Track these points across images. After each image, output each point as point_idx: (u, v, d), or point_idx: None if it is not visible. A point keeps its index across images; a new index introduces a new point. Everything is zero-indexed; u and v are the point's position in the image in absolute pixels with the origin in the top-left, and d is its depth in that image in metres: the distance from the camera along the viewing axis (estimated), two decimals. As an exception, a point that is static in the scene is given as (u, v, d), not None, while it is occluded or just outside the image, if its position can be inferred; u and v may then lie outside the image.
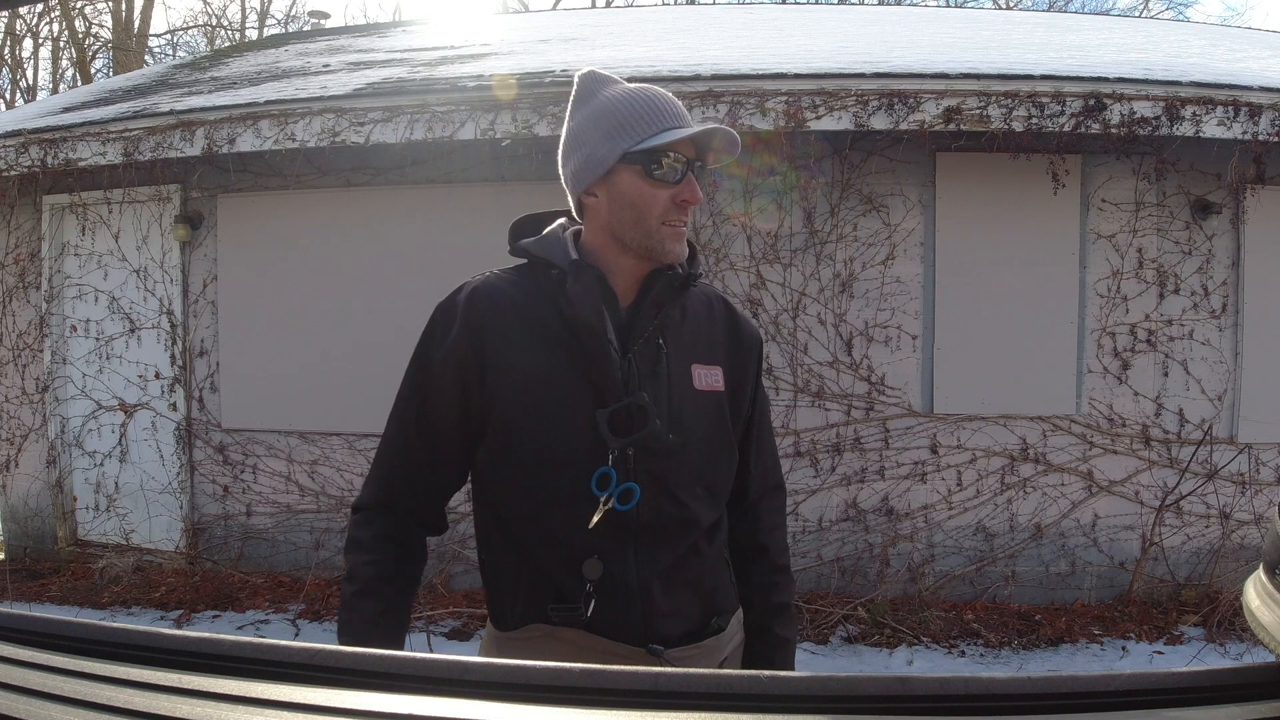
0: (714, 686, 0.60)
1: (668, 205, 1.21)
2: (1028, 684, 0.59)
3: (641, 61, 4.61)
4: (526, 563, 1.23)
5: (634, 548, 1.20)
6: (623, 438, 1.18)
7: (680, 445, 1.22)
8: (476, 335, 1.22)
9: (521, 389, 1.21)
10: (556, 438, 1.20)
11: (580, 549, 1.19)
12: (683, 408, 1.23)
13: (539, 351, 1.21)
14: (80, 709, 0.57)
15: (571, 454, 1.19)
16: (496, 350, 1.21)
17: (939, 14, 9.36)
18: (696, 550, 1.26)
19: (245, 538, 4.85)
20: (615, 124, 1.22)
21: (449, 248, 4.56)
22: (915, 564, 4.30)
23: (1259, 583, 0.62)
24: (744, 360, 1.34)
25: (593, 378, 1.20)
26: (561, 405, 1.20)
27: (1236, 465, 4.24)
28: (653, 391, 1.21)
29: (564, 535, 1.20)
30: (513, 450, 1.22)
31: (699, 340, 1.29)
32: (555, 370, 1.21)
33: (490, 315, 1.23)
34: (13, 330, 5.34)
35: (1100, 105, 3.84)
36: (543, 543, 1.21)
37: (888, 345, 4.32)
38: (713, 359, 1.30)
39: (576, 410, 1.19)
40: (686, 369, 1.26)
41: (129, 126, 4.67)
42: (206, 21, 19.07)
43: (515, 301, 1.24)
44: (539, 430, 1.20)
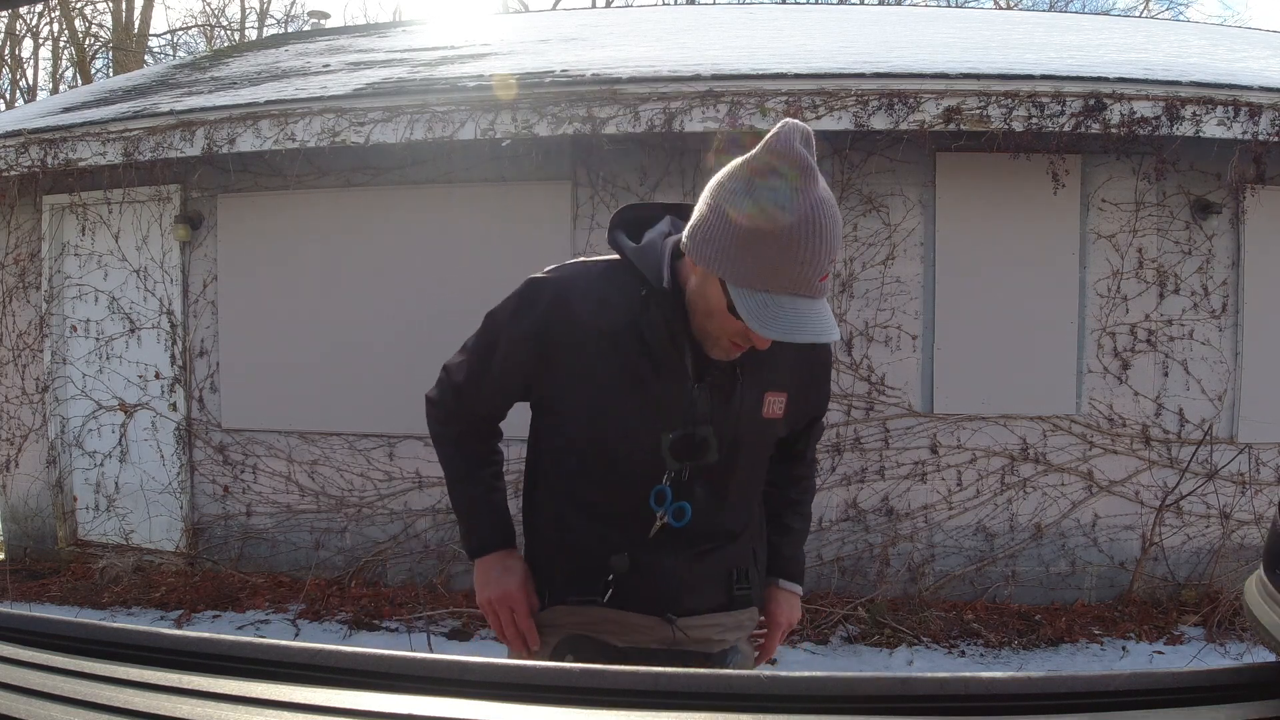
0: (714, 686, 0.60)
1: (735, 331, 1.17)
2: (1028, 684, 0.59)
3: (641, 61, 4.61)
4: (558, 548, 1.33)
5: (668, 548, 1.28)
6: (683, 461, 1.24)
7: (730, 467, 1.28)
8: (550, 336, 1.25)
9: (589, 396, 1.25)
10: (618, 448, 1.26)
11: (612, 544, 1.28)
12: (745, 435, 1.28)
13: (612, 363, 1.24)
14: (80, 709, 0.57)
15: (630, 466, 1.26)
16: (568, 356, 1.25)
17: (939, 14, 9.36)
18: (730, 540, 1.35)
19: (245, 538, 4.85)
20: (735, 242, 1.10)
21: (449, 248, 4.56)
22: (915, 564, 4.30)
23: (1259, 583, 0.62)
24: (811, 386, 1.38)
25: (662, 399, 1.24)
26: (627, 419, 1.25)
27: (1236, 465, 4.24)
28: (721, 419, 1.25)
29: (600, 529, 1.29)
30: (573, 446, 1.30)
31: (775, 368, 1.30)
32: (626, 384, 1.24)
33: (568, 322, 1.24)
34: (13, 330, 5.34)
35: (1100, 105, 3.84)
36: (583, 532, 1.30)
37: (888, 345, 4.32)
38: (783, 385, 1.32)
39: (642, 427, 1.24)
40: (759, 397, 1.29)
41: (129, 126, 4.66)
42: (206, 21, 19.07)
43: (598, 309, 1.24)
44: (602, 437, 1.27)
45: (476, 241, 4.51)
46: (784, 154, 1.09)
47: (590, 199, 4.45)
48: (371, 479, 4.66)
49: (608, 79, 4.18)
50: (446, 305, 4.50)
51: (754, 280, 1.09)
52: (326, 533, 4.73)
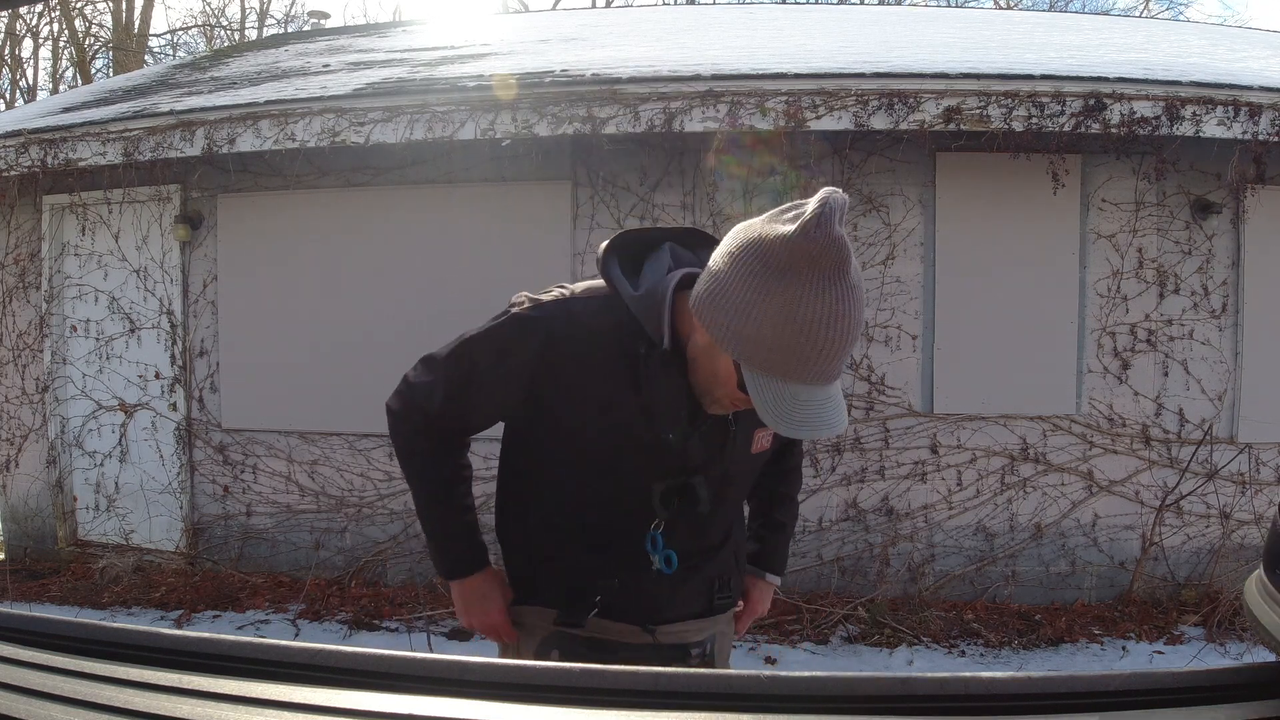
0: (714, 686, 0.60)
1: (742, 399, 1.12)
2: (1028, 684, 0.59)
3: (641, 61, 4.61)
4: (542, 561, 1.31)
5: (653, 577, 1.28)
6: (671, 510, 1.22)
7: (718, 502, 1.28)
8: (539, 381, 1.19)
9: (578, 441, 1.22)
10: (606, 493, 1.24)
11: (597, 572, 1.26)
12: (734, 473, 1.30)
13: (605, 412, 1.19)
14: (80, 709, 0.57)
15: (618, 510, 1.24)
16: (557, 401, 1.20)
17: (939, 14, 9.36)
18: (714, 555, 1.36)
19: (245, 538, 4.85)
20: (754, 330, 1.02)
21: (449, 248, 4.56)
22: (915, 564, 4.30)
23: (1259, 583, 0.62)
24: None
25: (654, 450, 1.21)
26: (618, 468, 1.22)
27: (1236, 465, 4.24)
28: (713, 467, 1.25)
29: (593, 562, 1.26)
30: (559, 483, 1.27)
31: None
32: (618, 434, 1.20)
33: (559, 368, 1.18)
34: (13, 330, 5.34)
35: (1100, 105, 3.84)
36: (569, 560, 1.28)
37: (888, 345, 4.32)
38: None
39: (632, 476, 1.22)
40: (749, 436, 1.28)
41: (129, 126, 4.66)
42: (206, 21, 19.07)
43: (592, 357, 1.17)
44: (589, 480, 1.24)
45: (476, 241, 4.51)
46: (823, 242, 0.98)
47: (590, 199, 4.45)
48: (371, 479, 4.66)
49: (608, 79, 4.18)
50: (447, 305, 4.50)
51: (772, 369, 1.02)
52: (326, 533, 4.73)
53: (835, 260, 0.99)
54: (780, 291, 0.99)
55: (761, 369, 1.03)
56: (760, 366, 1.03)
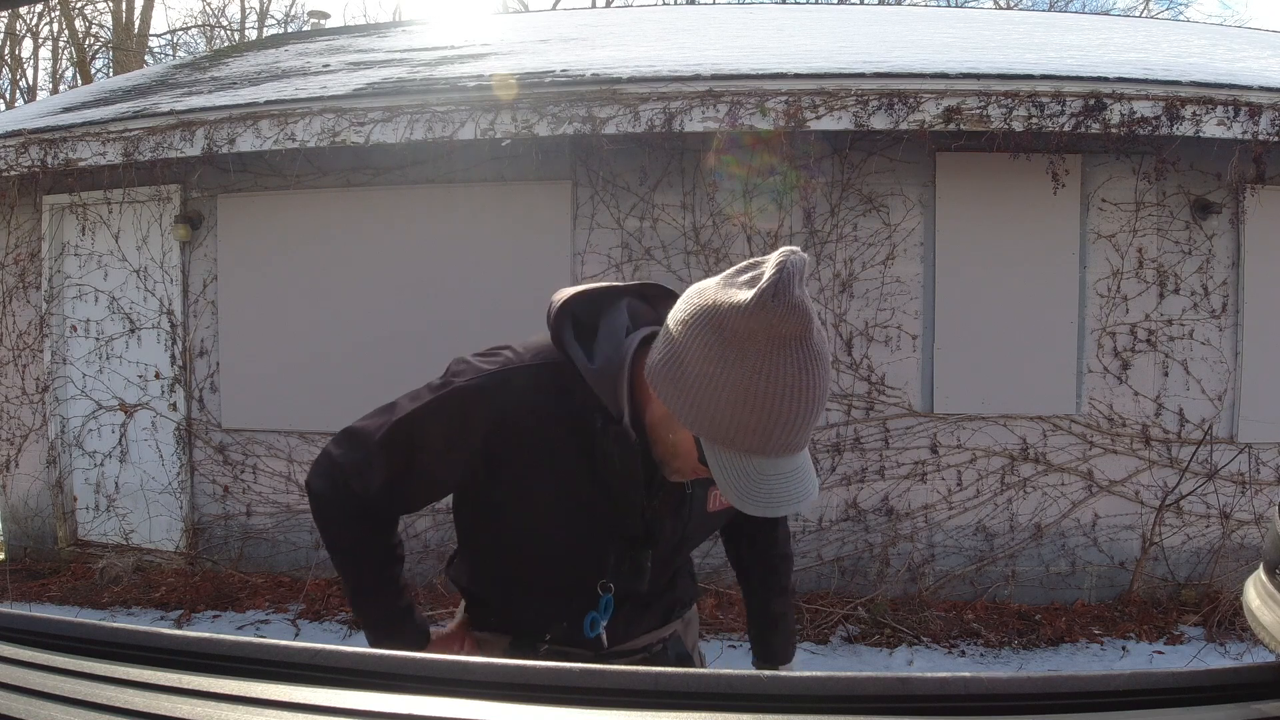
0: (714, 686, 0.60)
1: (703, 471, 1.04)
2: (1028, 684, 0.59)
3: (641, 61, 4.61)
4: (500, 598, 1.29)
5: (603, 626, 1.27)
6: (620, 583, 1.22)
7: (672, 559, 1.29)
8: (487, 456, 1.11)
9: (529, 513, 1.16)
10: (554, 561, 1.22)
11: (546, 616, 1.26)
12: (689, 533, 1.26)
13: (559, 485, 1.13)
14: (80, 709, 0.57)
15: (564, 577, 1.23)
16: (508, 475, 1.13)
17: (939, 14, 9.36)
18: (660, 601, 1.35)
19: (245, 538, 4.85)
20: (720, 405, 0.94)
21: (449, 248, 4.56)
22: (915, 564, 4.30)
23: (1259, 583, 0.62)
24: None
25: (607, 524, 1.17)
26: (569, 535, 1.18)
27: (1236, 465, 4.24)
28: (667, 535, 1.22)
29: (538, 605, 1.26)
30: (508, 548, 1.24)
31: None
32: (571, 507, 1.15)
33: (509, 444, 1.10)
34: (13, 330, 5.34)
35: (1100, 105, 3.84)
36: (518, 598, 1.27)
37: (888, 345, 4.32)
38: None
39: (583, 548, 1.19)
40: (705, 495, 1.24)
41: (129, 126, 4.66)
42: (206, 21, 19.07)
43: (544, 432, 1.10)
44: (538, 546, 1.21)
45: (476, 241, 4.51)
46: (781, 312, 0.91)
47: (590, 199, 4.45)
48: (371, 479, 4.66)
49: (608, 79, 4.18)
50: (447, 305, 4.51)
51: (734, 445, 0.95)
52: (326, 533, 4.73)
53: (795, 329, 0.91)
54: (737, 364, 0.92)
55: (722, 445, 0.96)
56: (721, 443, 0.95)
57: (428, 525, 4.58)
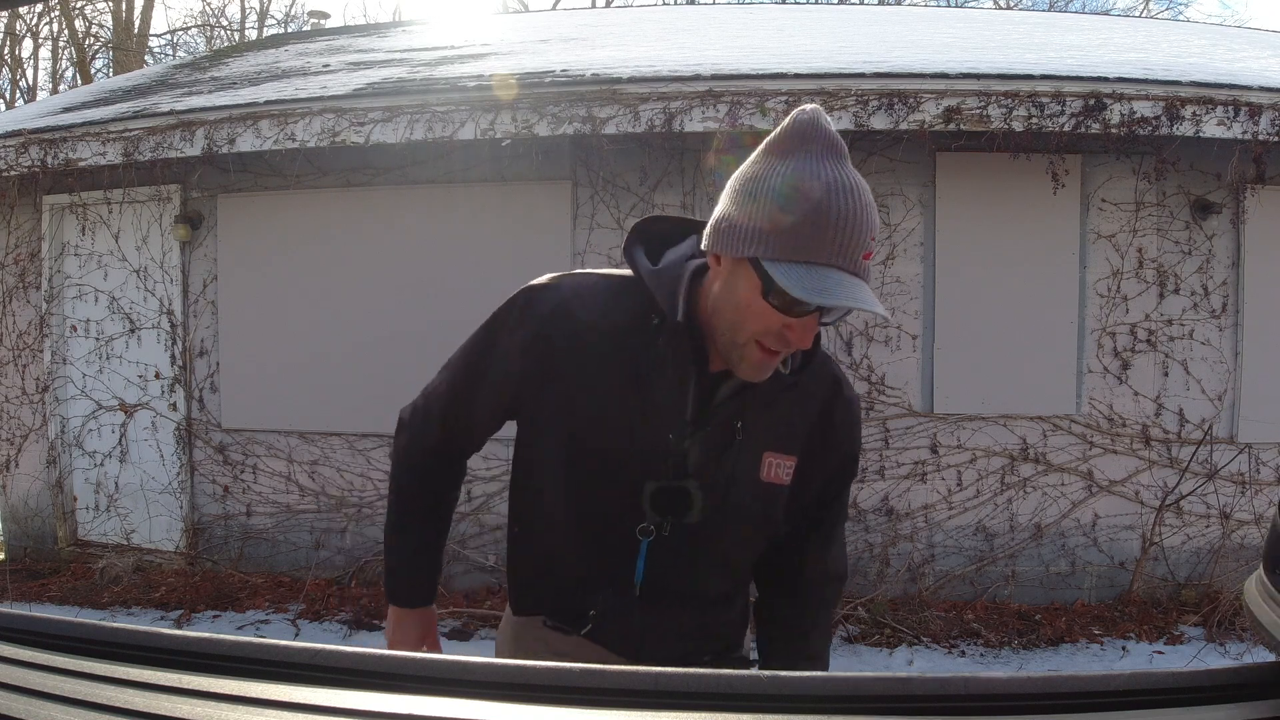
0: (714, 686, 0.60)
1: (769, 329, 1.04)
2: (1028, 684, 0.59)
3: (641, 61, 4.61)
4: (545, 565, 1.25)
5: (640, 604, 1.20)
6: (662, 516, 1.15)
7: (716, 531, 1.18)
8: (549, 347, 1.14)
9: (576, 424, 1.15)
10: (602, 487, 1.17)
11: (590, 585, 1.21)
12: (736, 498, 1.17)
13: (613, 395, 1.14)
14: (80, 709, 0.57)
15: (611, 507, 1.17)
16: (564, 371, 1.14)
17: (939, 14, 9.36)
18: (705, 610, 1.25)
19: (245, 538, 4.85)
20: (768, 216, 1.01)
21: (449, 248, 4.56)
22: (915, 564, 4.30)
23: (1259, 582, 0.62)
24: (827, 453, 1.22)
25: (652, 445, 1.14)
26: (615, 459, 1.15)
27: (1236, 465, 4.24)
28: (711, 477, 1.15)
29: (580, 565, 1.21)
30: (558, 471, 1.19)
31: (782, 427, 1.18)
32: (622, 420, 1.14)
33: (570, 335, 1.14)
34: (13, 330, 5.34)
35: (1100, 105, 3.84)
36: (562, 559, 1.23)
37: (888, 345, 4.32)
38: (790, 448, 1.19)
39: (629, 469, 1.15)
40: (758, 457, 1.17)
41: (129, 126, 4.66)
42: (206, 21, 19.07)
43: (603, 329, 1.14)
44: (587, 472, 1.17)
45: (476, 241, 4.51)
46: (811, 129, 1.03)
47: (590, 199, 4.45)
48: (371, 479, 4.66)
49: (608, 79, 4.18)
50: (446, 305, 4.50)
51: (791, 252, 0.99)
52: (326, 533, 4.73)
53: (826, 141, 1.02)
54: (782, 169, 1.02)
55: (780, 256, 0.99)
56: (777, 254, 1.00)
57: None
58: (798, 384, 1.17)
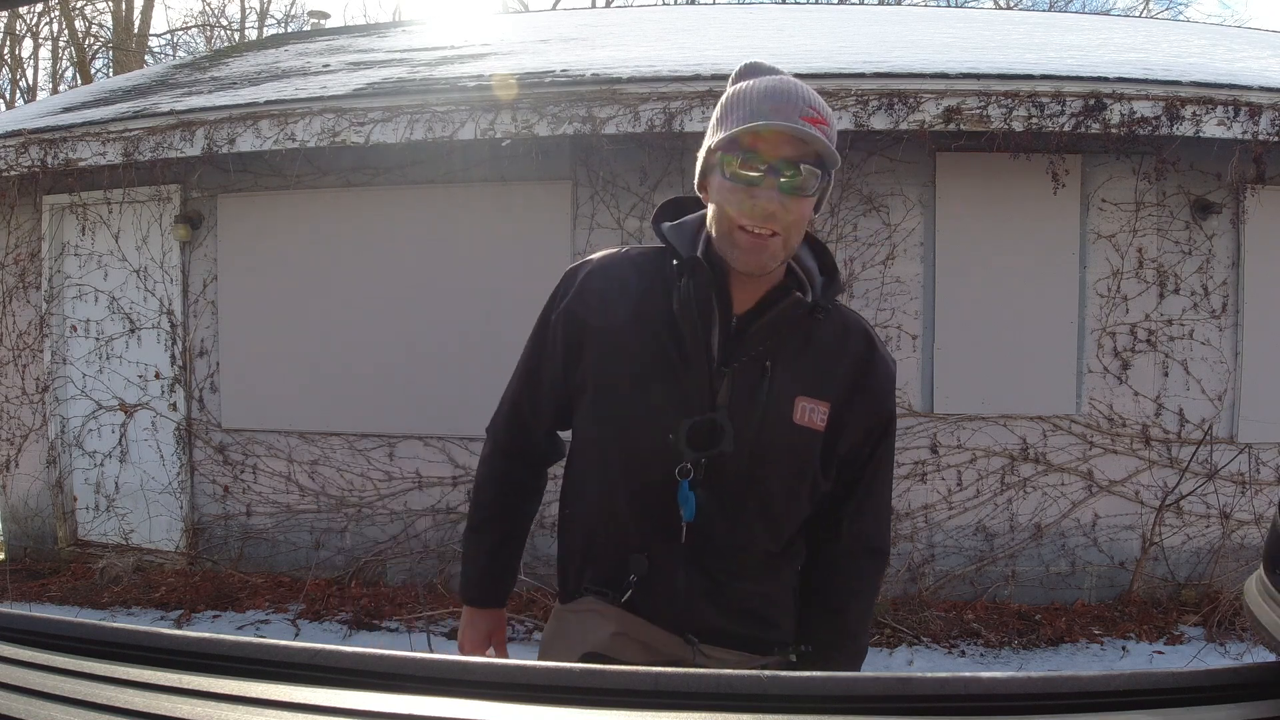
0: (714, 686, 0.60)
1: (741, 208, 1.11)
2: (1028, 684, 0.59)
3: (641, 61, 4.61)
4: (590, 537, 1.29)
5: (684, 557, 1.21)
6: (697, 451, 1.17)
7: (754, 473, 1.20)
8: (583, 312, 1.24)
9: (615, 377, 1.22)
10: (636, 431, 1.21)
11: (634, 541, 1.23)
12: (770, 438, 1.19)
13: (641, 343, 1.21)
14: (80, 709, 0.57)
15: (647, 450, 1.20)
16: (599, 332, 1.23)
17: (939, 14, 9.37)
18: (751, 574, 1.25)
19: (245, 538, 4.85)
20: (717, 119, 1.17)
21: (449, 248, 4.56)
22: (915, 564, 4.30)
23: (1259, 582, 0.62)
24: (860, 407, 1.24)
25: (684, 383, 1.18)
26: (648, 402, 1.20)
27: (1236, 465, 4.24)
28: (743, 414, 1.18)
29: (623, 522, 1.24)
30: (597, 428, 1.26)
31: (815, 372, 1.22)
32: (651, 365, 1.20)
33: (599, 298, 1.24)
34: (13, 330, 5.34)
35: (1100, 105, 3.84)
36: (605, 522, 1.26)
37: (888, 345, 4.31)
38: (823, 394, 1.22)
39: (662, 410, 1.19)
40: (790, 399, 1.20)
41: (129, 126, 4.66)
42: (206, 21, 19.07)
43: (631, 288, 1.23)
44: (622, 420, 1.22)
45: (476, 241, 4.51)
46: (749, 68, 1.21)
47: (590, 199, 4.45)
48: (371, 479, 4.66)
49: (608, 79, 4.18)
50: (446, 305, 4.51)
51: (729, 125, 1.12)
52: (326, 533, 4.73)
53: (764, 70, 1.20)
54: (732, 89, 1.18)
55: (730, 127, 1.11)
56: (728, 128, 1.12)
57: (427, 525, 4.59)
58: (825, 320, 1.22)
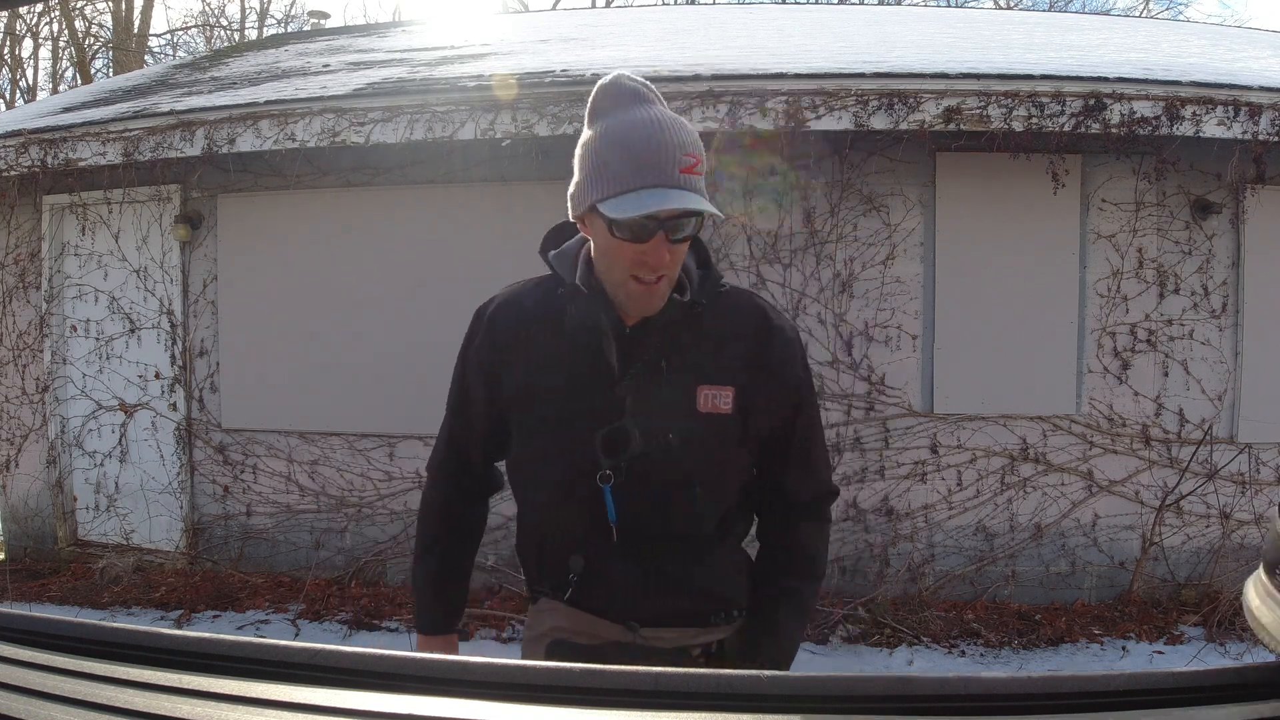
0: (714, 686, 0.60)
1: (633, 261, 1.17)
2: (1028, 684, 0.59)
3: (641, 61, 4.61)
4: (540, 545, 1.37)
5: (618, 553, 1.28)
6: (613, 458, 1.24)
7: (672, 467, 1.25)
8: (496, 349, 1.32)
9: (530, 401, 1.30)
10: (556, 448, 1.29)
11: (574, 545, 1.30)
12: (679, 431, 1.24)
13: (548, 368, 1.28)
14: (80, 709, 0.57)
15: (568, 464, 1.27)
16: (512, 365, 1.31)
17: (939, 14, 9.37)
18: (687, 559, 1.31)
19: (245, 538, 4.85)
20: (594, 167, 1.18)
21: (449, 248, 4.56)
22: (915, 564, 4.30)
23: (1259, 582, 0.62)
24: (766, 380, 1.28)
25: (591, 397, 1.25)
26: (562, 420, 1.27)
27: (1236, 465, 4.24)
28: (649, 415, 1.24)
29: (565, 529, 1.32)
30: (527, 449, 1.34)
31: (712, 360, 1.27)
32: (559, 386, 1.27)
33: (508, 333, 1.31)
34: (13, 330, 5.34)
35: (1100, 105, 3.84)
36: (549, 531, 1.35)
37: (888, 345, 4.32)
38: (725, 379, 1.26)
39: (578, 425, 1.26)
40: (692, 390, 1.25)
41: (129, 126, 4.66)
42: (206, 21, 19.07)
43: (531, 319, 1.30)
44: (543, 440, 1.31)
45: (476, 241, 4.50)
46: (612, 89, 1.20)
47: (590, 199, 4.45)
48: (371, 479, 4.66)
49: (608, 79, 4.17)
50: (446, 305, 4.49)
51: (615, 187, 1.13)
52: (326, 533, 4.73)
53: (629, 95, 1.18)
54: (597, 128, 1.19)
55: (608, 192, 1.14)
56: (605, 191, 1.14)
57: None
58: (710, 310, 1.26)
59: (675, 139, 1.14)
